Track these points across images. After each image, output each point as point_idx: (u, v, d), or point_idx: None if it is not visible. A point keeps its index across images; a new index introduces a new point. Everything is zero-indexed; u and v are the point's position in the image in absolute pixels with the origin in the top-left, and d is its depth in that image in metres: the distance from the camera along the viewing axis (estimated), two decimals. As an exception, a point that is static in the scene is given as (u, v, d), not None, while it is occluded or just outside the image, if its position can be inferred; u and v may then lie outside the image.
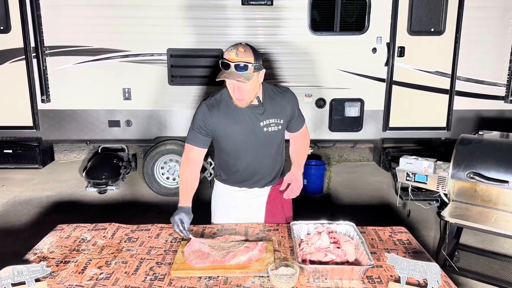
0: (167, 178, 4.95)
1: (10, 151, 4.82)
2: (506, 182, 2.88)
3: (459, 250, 3.40)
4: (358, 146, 6.60)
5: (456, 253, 3.31)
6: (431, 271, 1.57)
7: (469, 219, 2.90)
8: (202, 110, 2.11)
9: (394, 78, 4.68)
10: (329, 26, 4.59)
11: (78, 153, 6.78)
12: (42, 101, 4.61)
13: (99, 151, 5.35)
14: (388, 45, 4.59)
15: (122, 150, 5.35)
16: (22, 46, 4.51)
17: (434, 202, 4.42)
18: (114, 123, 4.75)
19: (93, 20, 4.47)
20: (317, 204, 4.81)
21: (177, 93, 4.68)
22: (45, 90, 4.58)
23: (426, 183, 3.55)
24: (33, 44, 4.50)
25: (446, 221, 2.99)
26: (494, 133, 3.44)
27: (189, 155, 2.16)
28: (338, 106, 4.74)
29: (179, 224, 1.96)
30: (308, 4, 4.48)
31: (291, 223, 1.99)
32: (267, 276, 1.67)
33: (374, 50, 4.63)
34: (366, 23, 4.57)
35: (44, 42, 4.52)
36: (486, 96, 4.77)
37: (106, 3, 4.45)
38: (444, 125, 4.84)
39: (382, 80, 4.69)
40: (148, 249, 1.95)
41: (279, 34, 4.57)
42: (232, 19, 4.52)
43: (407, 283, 1.61)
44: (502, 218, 2.88)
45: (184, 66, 4.62)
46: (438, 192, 3.56)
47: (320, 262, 1.72)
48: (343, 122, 4.79)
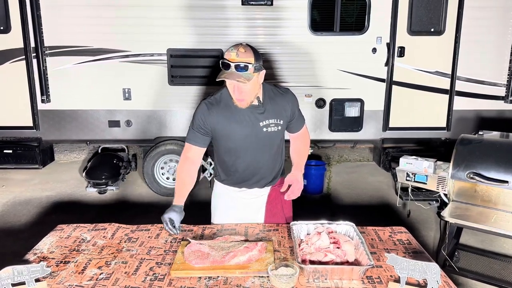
0: (167, 178, 4.95)
1: (10, 151, 4.83)
2: (506, 182, 2.88)
3: (459, 250, 3.40)
4: (358, 146, 6.60)
5: (456, 253, 3.31)
6: (431, 271, 1.57)
7: (469, 219, 2.90)
8: (201, 109, 2.11)
9: (394, 78, 4.68)
10: (329, 26, 4.59)
11: (78, 153, 6.78)
12: (42, 101, 4.61)
13: (99, 151, 5.35)
14: (388, 45, 4.60)
15: (122, 150, 5.35)
16: (22, 46, 4.52)
17: (434, 202, 4.42)
18: (114, 123, 4.75)
19: (93, 20, 4.47)
20: (317, 204, 4.81)
21: (177, 93, 4.68)
22: (45, 90, 4.58)
23: (426, 183, 3.55)
24: (33, 44, 4.50)
25: (446, 221, 2.99)
26: (494, 133, 3.43)
27: (187, 154, 2.17)
28: (338, 106, 4.74)
29: (168, 223, 1.99)
30: (308, 4, 4.49)
31: (291, 223, 1.98)
32: (267, 276, 1.67)
33: (374, 50, 4.63)
34: (366, 23, 4.58)
35: (44, 42, 4.52)
36: (486, 96, 4.77)
37: (106, 3, 4.46)
38: (444, 125, 4.84)
39: (382, 80, 4.70)
40: (148, 249, 1.95)
41: (279, 34, 4.58)
42: (232, 19, 4.52)
43: (407, 283, 1.61)
44: (502, 218, 2.88)
45: (184, 66, 4.62)
46: (438, 192, 3.56)
47: (320, 262, 1.71)
48: (343, 122, 4.79)
